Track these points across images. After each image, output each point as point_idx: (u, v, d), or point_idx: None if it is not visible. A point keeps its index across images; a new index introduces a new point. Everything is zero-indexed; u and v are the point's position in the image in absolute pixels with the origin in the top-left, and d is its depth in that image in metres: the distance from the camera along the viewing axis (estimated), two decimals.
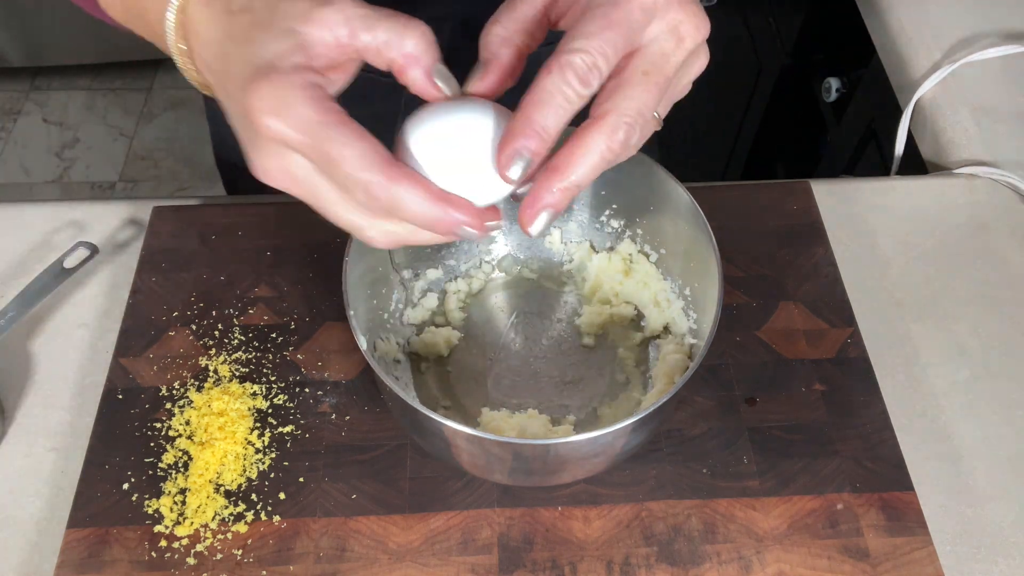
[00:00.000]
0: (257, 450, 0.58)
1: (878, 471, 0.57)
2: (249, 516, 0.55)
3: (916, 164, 0.84)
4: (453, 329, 0.63)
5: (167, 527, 0.55)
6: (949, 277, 0.69)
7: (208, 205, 0.71)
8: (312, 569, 0.53)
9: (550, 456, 0.50)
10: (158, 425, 0.59)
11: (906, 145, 0.85)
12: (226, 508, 0.55)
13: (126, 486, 0.56)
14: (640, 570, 0.53)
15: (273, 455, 0.58)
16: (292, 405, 0.60)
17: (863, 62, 1.01)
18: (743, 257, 0.68)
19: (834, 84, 1.08)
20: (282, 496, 0.56)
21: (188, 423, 0.59)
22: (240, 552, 0.54)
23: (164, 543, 0.54)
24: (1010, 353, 0.65)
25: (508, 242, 0.66)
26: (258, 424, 0.59)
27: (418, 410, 0.47)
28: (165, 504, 0.55)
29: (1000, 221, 0.73)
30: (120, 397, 0.60)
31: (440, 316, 0.64)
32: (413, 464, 0.58)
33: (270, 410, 0.60)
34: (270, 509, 0.56)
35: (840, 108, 1.09)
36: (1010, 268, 0.70)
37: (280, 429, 0.59)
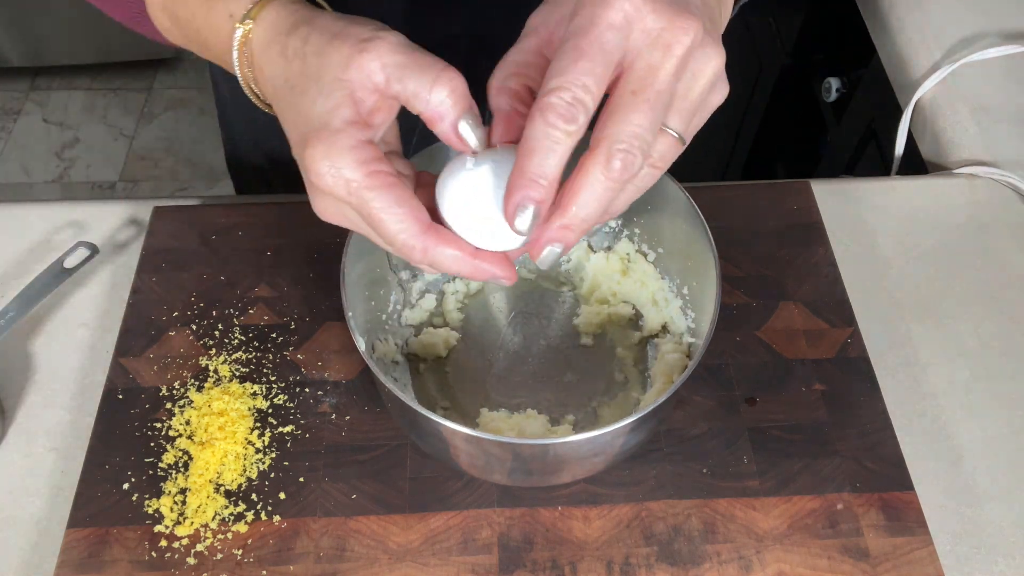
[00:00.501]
0: (257, 450, 0.58)
1: (878, 471, 0.57)
2: (249, 516, 0.55)
3: (916, 164, 0.84)
4: (451, 330, 0.63)
5: (167, 527, 0.55)
6: (949, 277, 0.69)
7: (208, 205, 0.71)
8: (312, 569, 0.53)
9: (549, 456, 0.50)
10: (158, 425, 0.59)
11: (906, 145, 0.85)
12: (226, 508, 0.55)
13: (126, 486, 0.56)
14: (640, 570, 0.53)
15: (273, 455, 0.58)
16: (292, 405, 0.60)
17: (863, 62, 1.01)
18: (743, 257, 0.68)
19: (834, 84, 1.08)
20: (282, 496, 0.56)
21: (188, 423, 0.59)
22: (240, 552, 0.54)
23: (164, 543, 0.54)
24: (1010, 353, 0.65)
25: None
26: (258, 424, 0.59)
27: (417, 411, 0.47)
28: (165, 504, 0.55)
29: (1000, 221, 0.73)
30: (120, 397, 0.60)
31: (438, 317, 0.64)
32: (413, 464, 0.58)
33: (270, 410, 0.60)
34: (270, 509, 0.56)
35: (840, 108, 1.09)
36: (1010, 268, 0.70)
37: (280, 429, 0.59)
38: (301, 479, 0.57)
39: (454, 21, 0.67)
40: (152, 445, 0.58)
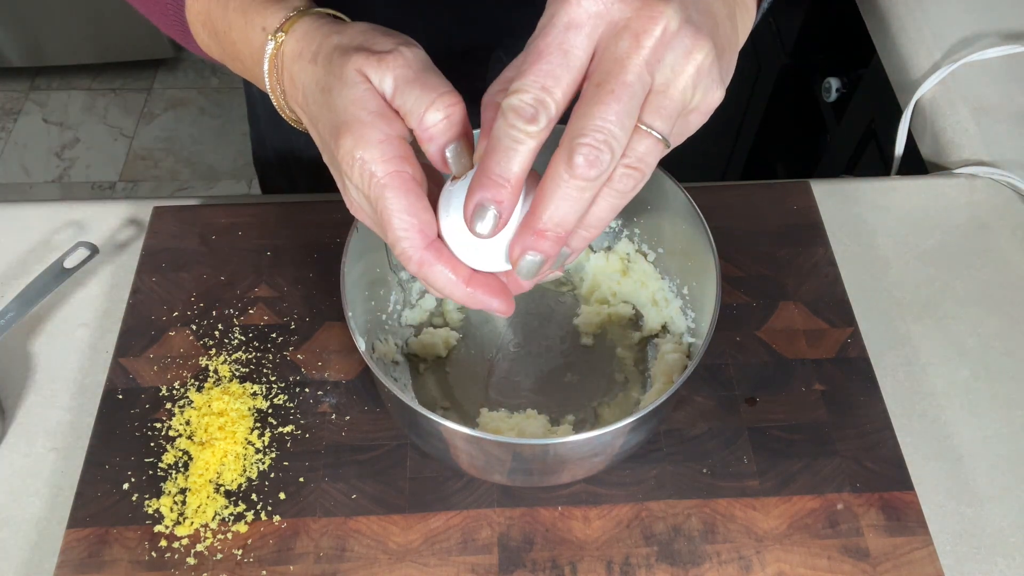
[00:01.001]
0: (257, 450, 0.58)
1: (878, 471, 0.57)
2: (249, 516, 0.55)
3: (916, 164, 0.84)
4: (451, 330, 0.63)
5: (167, 527, 0.55)
6: (949, 277, 0.69)
7: (208, 205, 0.71)
8: (312, 569, 0.53)
9: (549, 456, 0.50)
10: (158, 425, 0.59)
11: (906, 145, 0.85)
12: (226, 508, 0.55)
13: (126, 486, 0.56)
14: (640, 570, 0.53)
15: (273, 455, 0.58)
16: (292, 405, 0.60)
17: (863, 62, 1.01)
18: (743, 257, 0.68)
19: (834, 84, 1.08)
20: (282, 496, 0.56)
21: (188, 423, 0.59)
22: (240, 552, 0.54)
23: (164, 543, 0.54)
24: (1010, 353, 0.65)
25: None
26: (258, 424, 0.59)
27: (417, 411, 0.47)
28: (165, 504, 0.55)
29: (1000, 221, 0.73)
30: (120, 397, 0.60)
31: (438, 317, 0.64)
32: (413, 464, 0.58)
33: (270, 410, 0.60)
34: (270, 509, 0.56)
35: (840, 108, 1.09)
36: (1010, 268, 0.70)
37: (280, 429, 0.59)
38: (301, 479, 0.57)
39: (478, 33, 0.67)
40: (152, 445, 0.58)
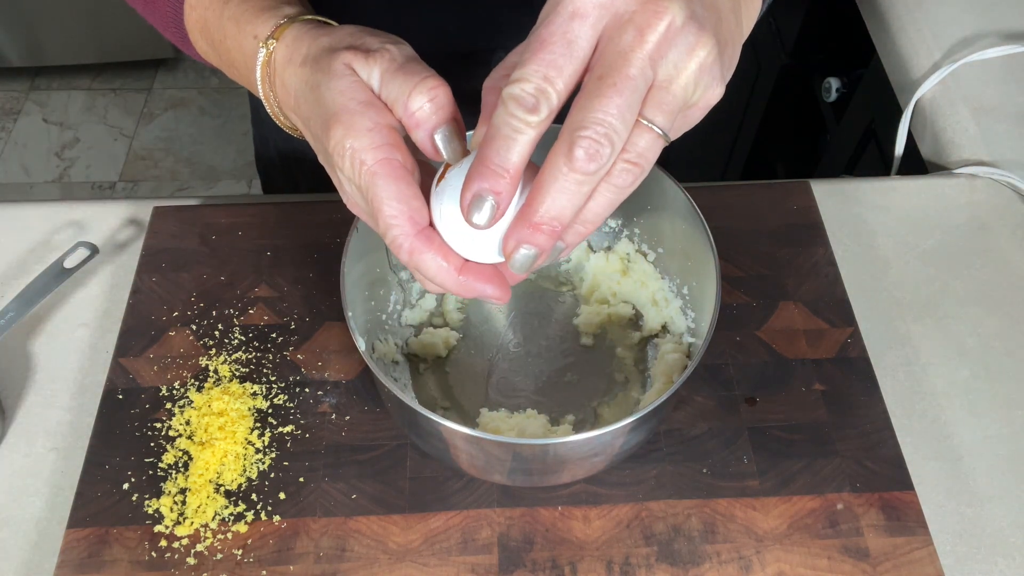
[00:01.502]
0: (257, 450, 0.58)
1: (878, 471, 0.57)
2: (249, 516, 0.55)
3: (916, 164, 0.84)
4: (451, 330, 0.63)
5: (167, 527, 0.55)
6: (949, 277, 0.69)
7: (208, 205, 0.71)
8: (312, 569, 0.53)
9: (549, 456, 0.50)
10: (158, 425, 0.59)
11: (906, 145, 0.85)
12: (226, 508, 0.55)
13: (126, 486, 0.56)
14: (640, 570, 0.53)
15: (273, 455, 0.58)
16: (292, 405, 0.60)
17: (863, 62, 1.01)
18: (743, 257, 0.68)
19: (834, 84, 1.08)
20: (282, 496, 0.56)
21: (188, 423, 0.59)
22: (240, 552, 0.54)
23: (164, 543, 0.54)
24: (1010, 353, 0.65)
25: None
26: (258, 424, 0.59)
27: (417, 411, 0.47)
28: (165, 504, 0.55)
29: (1000, 221, 0.73)
30: (120, 397, 0.60)
31: (438, 317, 0.64)
32: (413, 464, 0.58)
33: (270, 410, 0.60)
34: (270, 509, 0.56)
35: (840, 108, 1.09)
36: (1010, 268, 0.70)
37: (280, 429, 0.59)
38: (301, 479, 0.57)
39: (480, 35, 0.67)
40: (152, 445, 0.58)
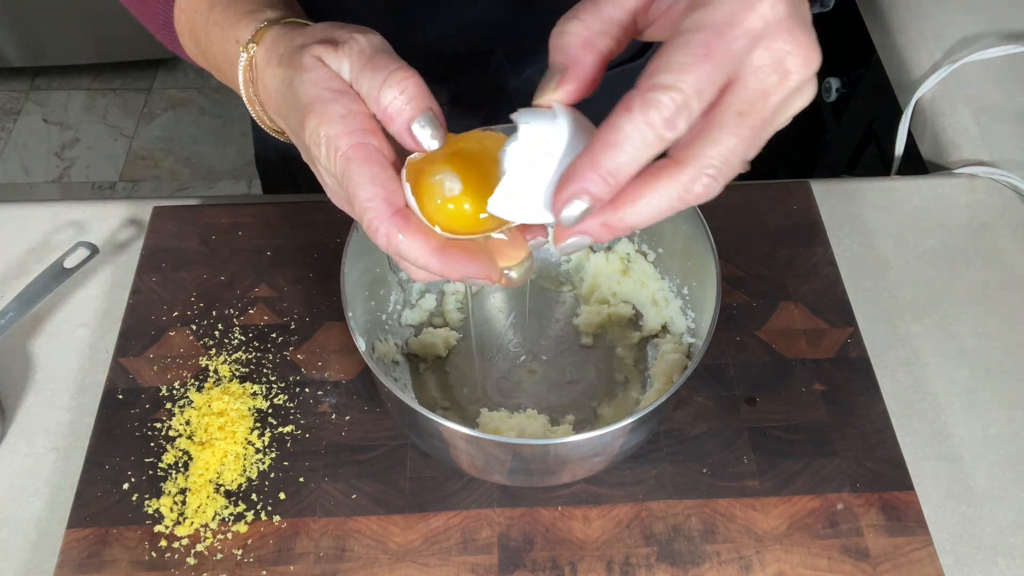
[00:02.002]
0: (257, 450, 0.58)
1: (878, 471, 0.57)
2: (249, 516, 0.55)
3: (916, 164, 0.84)
4: (451, 330, 0.63)
5: (167, 527, 0.55)
6: (949, 277, 0.69)
7: (208, 205, 0.71)
8: (312, 569, 0.53)
9: (549, 456, 0.50)
10: (158, 425, 0.59)
11: (906, 145, 0.85)
12: (226, 508, 0.55)
13: (126, 486, 0.56)
14: (640, 570, 0.53)
15: (273, 455, 0.58)
16: (292, 405, 0.60)
17: (863, 62, 1.01)
18: (743, 257, 0.68)
19: (834, 84, 1.08)
20: (282, 496, 0.56)
21: (188, 423, 0.59)
22: (240, 552, 0.54)
23: (164, 543, 0.54)
24: (1010, 353, 0.65)
25: None
26: (258, 424, 0.59)
27: (417, 411, 0.47)
28: (165, 504, 0.55)
29: (1000, 221, 0.73)
30: (120, 397, 0.60)
31: (438, 317, 0.64)
32: (413, 464, 0.58)
33: (270, 410, 0.60)
34: (270, 509, 0.56)
35: (840, 108, 1.09)
36: (1010, 268, 0.70)
37: (280, 429, 0.59)
38: (301, 479, 0.57)
39: (478, 38, 0.67)
40: (152, 445, 0.58)
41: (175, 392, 0.61)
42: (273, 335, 0.64)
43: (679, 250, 0.59)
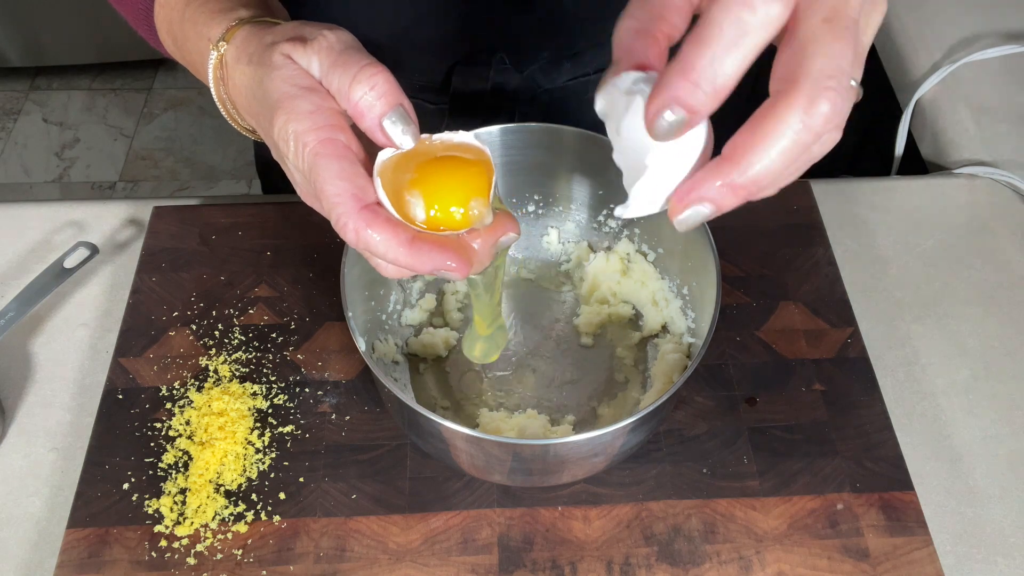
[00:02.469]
0: (257, 450, 0.58)
1: (878, 471, 0.57)
2: (249, 516, 0.55)
3: (916, 164, 0.84)
4: (451, 330, 0.63)
5: (167, 527, 0.55)
6: (949, 277, 0.69)
7: (208, 205, 0.71)
8: (312, 569, 0.53)
9: (549, 456, 0.50)
10: (158, 425, 0.59)
11: (906, 145, 0.85)
12: (226, 508, 0.55)
13: (126, 486, 0.56)
14: (640, 570, 0.53)
15: (273, 455, 0.58)
16: (292, 405, 0.60)
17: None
18: (743, 257, 0.68)
19: None
20: (282, 496, 0.56)
21: (188, 423, 0.59)
22: (240, 552, 0.54)
23: (164, 543, 0.54)
24: (1010, 353, 0.65)
25: None
26: (258, 424, 0.59)
27: (417, 411, 0.47)
28: (165, 504, 0.55)
29: (1000, 221, 0.73)
30: (120, 397, 0.60)
31: (438, 317, 0.64)
32: (413, 464, 0.58)
33: (270, 410, 0.60)
34: (270, 509, 0.56)
35: None
36: (1010, 268, 0.70)
37: (280, 429, 0.59)
38: (301, 479, 0.57)
39: (481, 38, 0.68)
40: (152, 445, 0.58)
41: (175, 392, 0.61)
42: (273, 335, 0.64)
43: (679, 250, 0.59)
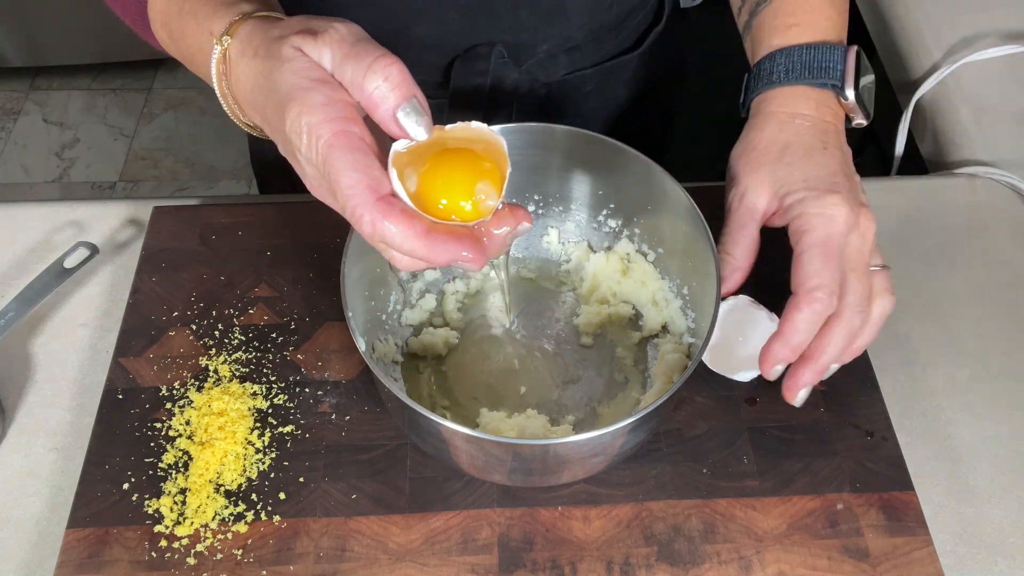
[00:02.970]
0: (257, 450, 0.58)
1: (878, 471, 0.57)
2: (249, 516, 0.55)
3: (916, 164, 0.84)
4: (451, 330, 0.63)
5: (167, 527, 0.55)
6: (949, 277, 0.69)
7: (208, 205, 0.71)
8: (312, 569, 0.53)
9: (549, 456, 0.50)
10: (158, 425, 0.59)
11: (906, 145, 0.85)
12: (226, 508, 0.55)
13: (126, 486, 0.56)
14: (640, 570, 0.53)
15: (273, 455, 0.58)
16: (292, 405, 0.60)
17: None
18: None
19: None
20: (282, 496, 0.56)
21: (188, 423, 0.59)
22: (240, 552, 0.54)
23: (164, 543, 0.54)
24: (1010, 353, 0.65)
25: None
26: (258, 424, 0.59)
27: (417, 411, 0.47)
28: (165, 504, 0.55)
29: (1000, 221, 0.73)
30: (120, 397, 0.60)
31: (438, 317, 0.64)
32: (413, 464, 0.58)
33: (270, 410, 0.60)
34: (270, 509, 0.56)
35: None
36: (1010, 268, 0.70)
37: (280, 429, 0.59)
38: (301, 479, 0.57)
39: (480, 32, 0.68)
40: (152, 445, 0.58)
41: (175, 392, 0.61)
42: (273, 335, 0.64)
43: (679, 250, 0.59)
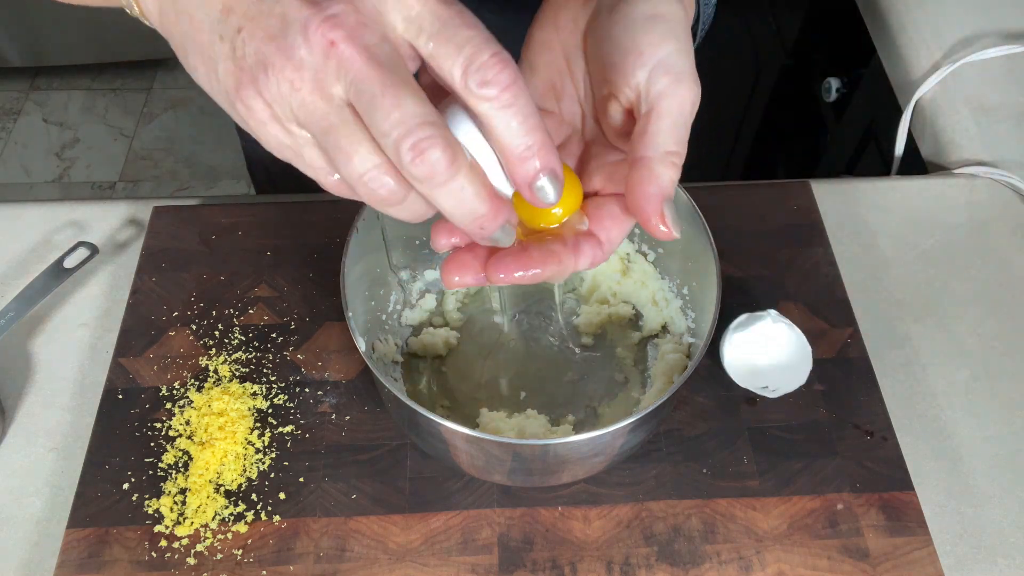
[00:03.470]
0: (257, 450, 0.58)
1: (878, 471, 0.57)
2: (249, 516, 0.55)
3: (916, 164, 0.84)
4: (451, 330, 0.63)
5: (167, 527, 0.55)
6: (949, 277, 0.69)
7: (208, 205, 0.71)
8: (312, 569, 0.53)
9: (549, 456, 0.50)
10: (158, 425, 0.59)
11: (906, 145, 0.85)
12: (226, 508, 0.56)
13: (126, 486, 0.56)
14: (640, 570, 0.53)
15: (273, 455, 0.58)
16: (292, 405, 0.60)
17: (863, 62, 1.01)
18: (743, 257, 0.68)
19: (834, 84, 1.08)
20: (282, 496, 0.56)
21: (188, 423, 0.59)
22: (240, 552, 0.54)
23: (164, 543, 0.54)
24: (1010, 353, 0.65)
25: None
26: (258, 424, 0.59)
27: (417, 411, 0.47)
28: (165, 504, 0.55)
29: (1000, 221, 0.73)
30: (120, 397, 0.60)
31: (438, 317, 0.64)
32: (413, 464, 0.58)
33: (270, 410, 0.60)
34: (270, 509, 0.56)
35: (840, 108, 1.09)
36: (1010, 268, 0.70)
37: (280, 429, 0.59)
38: (301, 479, 0.57)
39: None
40: (152, 445, 0.58)
41: (175, 392, 0.61)
42: (273, 335, 0.64)
43: (679, 250, 0.59)
